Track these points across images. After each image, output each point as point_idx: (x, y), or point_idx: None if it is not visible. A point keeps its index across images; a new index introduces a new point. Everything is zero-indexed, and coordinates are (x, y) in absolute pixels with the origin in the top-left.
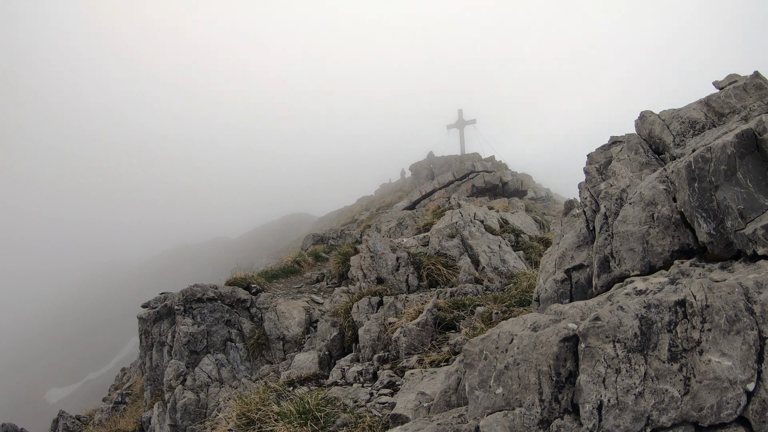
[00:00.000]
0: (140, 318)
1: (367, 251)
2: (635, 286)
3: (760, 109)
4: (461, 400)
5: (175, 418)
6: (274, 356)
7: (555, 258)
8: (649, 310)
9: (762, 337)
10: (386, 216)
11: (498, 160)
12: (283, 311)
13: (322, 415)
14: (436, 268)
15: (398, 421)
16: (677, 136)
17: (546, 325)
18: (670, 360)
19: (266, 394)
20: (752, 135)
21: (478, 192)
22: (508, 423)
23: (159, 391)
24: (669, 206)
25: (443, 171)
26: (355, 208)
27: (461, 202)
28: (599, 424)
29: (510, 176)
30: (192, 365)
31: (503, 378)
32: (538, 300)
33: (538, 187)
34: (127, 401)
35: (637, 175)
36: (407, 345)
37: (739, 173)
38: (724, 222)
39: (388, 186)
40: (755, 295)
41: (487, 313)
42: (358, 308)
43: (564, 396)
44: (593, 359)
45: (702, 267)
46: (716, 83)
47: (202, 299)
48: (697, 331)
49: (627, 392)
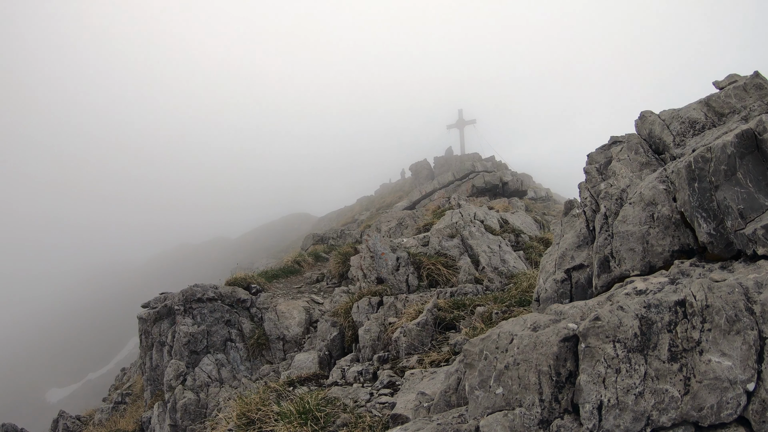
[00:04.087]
0: (140, 318)
1: (367, 251)
2: (635, 286)
3: (760, 109)
4: (461, 400)
5: (175, 418)
6: (274, 356)
7: (555, 258)
8: (649, 310)
9: (762, 337)
10: (386, 216)
11: (498, 160)
12: (283, 311)
13: (322, 415)
14: (436, 268)
15: (398, 421)
16: (677, 136)
17: (546, 325)
18: (670, 360)
19: (266, 394)
20: (752, 135)
21: (478, 192)
22: (508, 423)
23: (159, 391)
24: (669, 206)
25: (443, 171)
26: (355, 208)
27: (461, 202)
28: (599, 424)
29: (510, 176)
30: (192, 365)
31: (503, 378)
32: (538, 300)
33: (538, 187)
34: (127, 401)
35: (637, 175)
36: (407, 345)
37: (739, 173)
38: (724, 222)
39: (388, 186)
40: (755, 295)
41: (487, 313)
42: (358, 308)
43: (564, 396)
44: (593, 359)
45: (702, 267)
46: (716, 83)
47: (202, 299)
48: (697, 331)
49: (627, 392)
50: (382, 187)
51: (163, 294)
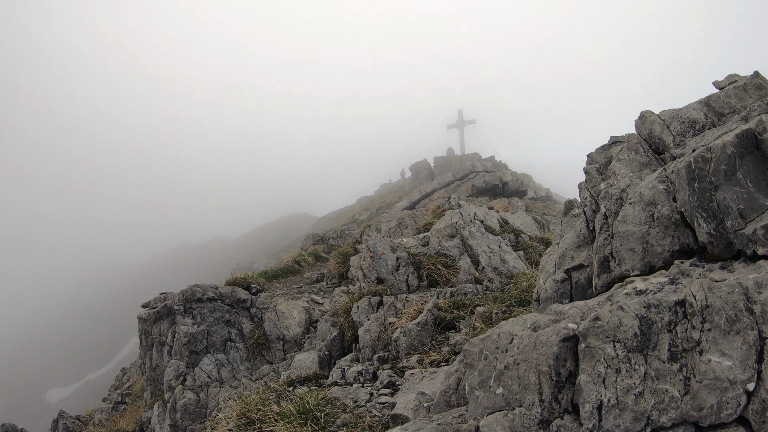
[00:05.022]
0: (140, 318)
1: (367, 251)
2: (635, 286)
3: (760, 109)
4: (461, 400)
5: (175, 418)
6: (274, 356)
7: (555, 258)
8: (649, 310)
9: (762, 337)
10: (386, 216)
11: (498, 160)
12: (283, 311)
13: (322, 415)
14: (436, 268)
15: (398, 421)
16: (677, 136)
17: (546, 325)
18: (670, 360)
19: (266, 394)
20: (752, 135)
21: (478, 192)
22: (508, 423)
23: (159, 391)
24: (669, 206)
25: (443, 171)
26: (355, 208)
27: (461, 202)
28: (599, 424)
29: (510, 176)
30: (192, 365)
31: (503, 378)
32: (538, 300)
33: (538, 187)
34: (127, 401)
35: (637, 175)
36: (407, 345)
37: (739, 173)
38: (724, 222)
39: (388, 186)
40: (755, 295)
41: (487, 313)
42: (358, 308)
43: (564, 396)
44: (593, 359)
45: (702, 267)
46: (716, 83)
47: (202, 299)
48: (697, 331)
49: (627, 392)
50: (382, 187)
51: (163, 294)
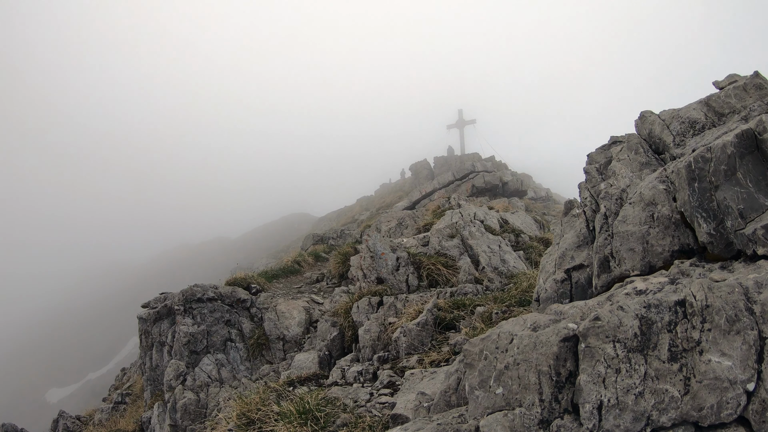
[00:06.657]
0: (140, 318)
1: (367, 251)
2: (635, 286)
3: (760, 109)
4: (461, 400)
5: (175, 418)
6: (274, 356)
7: (555, 258)
8: (649, 310)
9: (762, 337)
10: (386, 216)
11: (498, 160)
12: (283, 311)
13: (322, 415)
14: (436, 268)
15: (398, 421)
16: (677, 136)
17: (546, 325)
18: (670, 360)
19: (266, 394)
20: (752, 135)
21: (478, 192)
22: (508, 423)
23: (159, 391)
24: (669, 206)
25: (443, 171)
26: (355, 208)
27: (461, 202)
28: (599, 424)
29: (510, 176)
30: (192, 365)
31: (503, 378)
32: (538, 300)
33: (538, 187)
34: (127, 401)
35: (637, 175)
36: (407, 345)
37: (739, 173)
38: (724, 222)
39: (388, 186)
40: (755, 295)
41: (487, 313)
42: (358, 308)
43: (564, 396)
44: (593, 359)
45: (702, 267)
46: (716, 83)
47: (202, 299)
48: (697, 331)
49: (627, 392)
50: (382, 187)
51: (163, 294)
